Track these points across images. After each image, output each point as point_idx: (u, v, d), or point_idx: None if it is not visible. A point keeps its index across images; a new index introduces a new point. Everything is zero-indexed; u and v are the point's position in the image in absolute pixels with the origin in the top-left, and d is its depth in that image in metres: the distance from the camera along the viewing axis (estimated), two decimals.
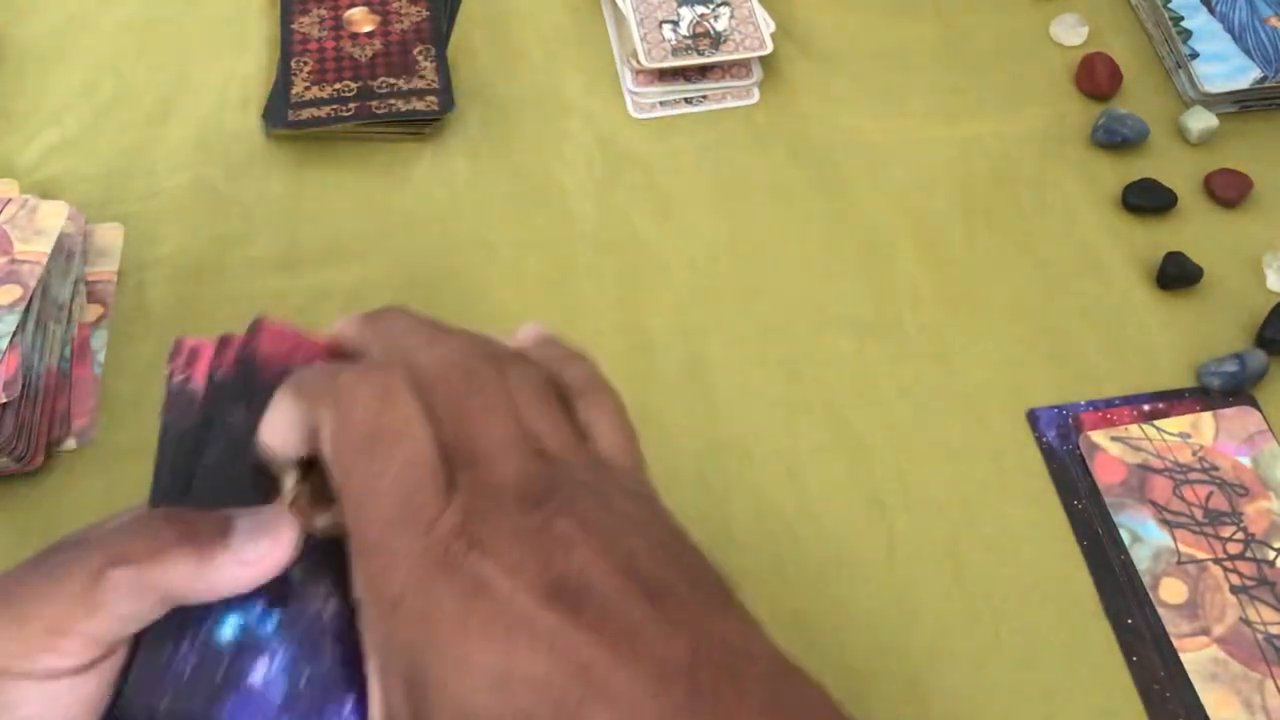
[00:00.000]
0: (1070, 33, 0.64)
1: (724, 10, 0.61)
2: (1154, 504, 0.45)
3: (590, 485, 0.27)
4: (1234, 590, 0.42)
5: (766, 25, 0.60)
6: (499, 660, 0.23)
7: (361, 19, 0.60)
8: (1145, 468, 0.46)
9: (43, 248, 0.48)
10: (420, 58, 0.58)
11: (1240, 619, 0.41)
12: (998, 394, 0.52)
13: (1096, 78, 0.61)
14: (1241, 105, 0.62)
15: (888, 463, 0.49)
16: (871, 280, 0.55)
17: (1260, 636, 0.41)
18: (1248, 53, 0.61)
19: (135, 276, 0.53)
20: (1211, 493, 0.45)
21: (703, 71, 0.61)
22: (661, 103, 0.60)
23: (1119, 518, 0.45)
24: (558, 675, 0.23)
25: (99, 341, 0.50)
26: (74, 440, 0.48)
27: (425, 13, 0.60)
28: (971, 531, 0.48)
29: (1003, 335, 0.53)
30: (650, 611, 0.24)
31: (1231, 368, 0.51)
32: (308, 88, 0.57)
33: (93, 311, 0.51)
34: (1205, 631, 0.41)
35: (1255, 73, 0.61)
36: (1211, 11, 0.63)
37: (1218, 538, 0.44)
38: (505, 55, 0.62)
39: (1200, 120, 0.60)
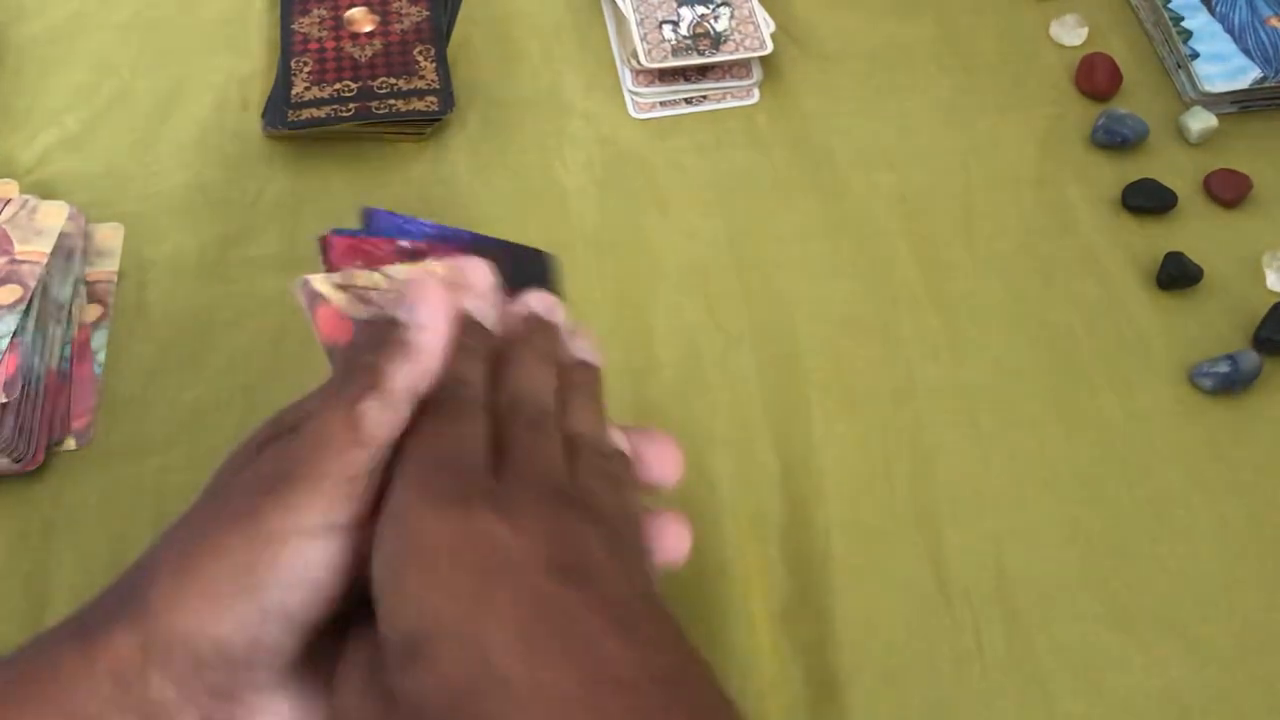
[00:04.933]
0: (1070, 33, 0.64)
1: (724, 10, 0.61)
2: None
3: (606, 497, 0.30)
4: None
5: (766, 25, 0.60)
6: (474, 588, 0.26)
7: (361, 19, 0.60)
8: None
9: (43, 248, 0.48)
10: (420, 58, 0.58)
11: None
12: (997, 394, 0.52)
13: (1096, 78, 0.61)
14: (1241, 105, 0.62)
15: (887, 463, 0.50)
16: (870, 280, 0.55)
17: None
18: (1247, 53, 0.61)
19: (135, 276, 0.53)
20: None
21: (703, 72, 0.61)
22: (661, 103, 0.60)
23: None
24: (538, 623, 0.25)
25: (99, 341, 0.50)
26: (74, 440, 0.48)
27: (425, 13, 0.60)
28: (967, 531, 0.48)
29: (1002, 336, 0.53)
30: (637, 626, 0.26)
31: (1224, 368, 0.51)
32: (308, 88, 0.57)
33: (93, 311, 0.51)
34: None
35: (1255, 73, 0.61)
36: (1211, 12, 0.63)
37: None
38: (505, 55, 0.62)
39: (1200, 120, 0.60)
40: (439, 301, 0.32)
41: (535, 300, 0.36)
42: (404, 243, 0.37)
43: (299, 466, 0.28)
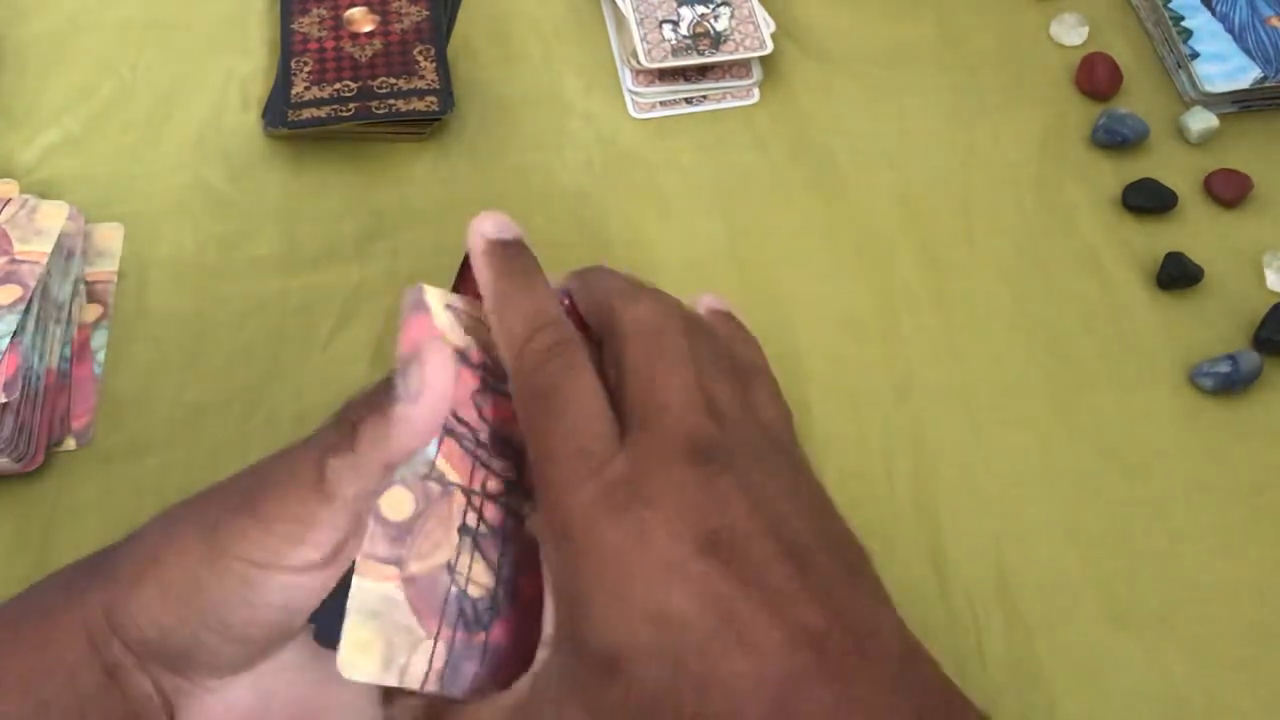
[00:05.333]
0: (1070, 32, 0.64)
1: (724, 10, 0.61)
2: None
3: (753, 447, 0.29)
4: (462, 530, 0.33)
5: (767, 25, 0.60)
6: (655, 601, 0.26)
7: (361, 19, 0.60)
8: (463, 355, 0.34)
9: (43, 248, 0.48)
10: (420, 58, 0.58)
11: (447, 564, 0.32)
12: (997, 393, 0.52)
13: (1096, 78, 0.61)
14: (1242, 105, 0.62)
15: (887, 463, 0.50)
16: (870, 280, 0.55)
17: (454, 591, 0.32)
18: (1248, 53, 0.61)
19: (135, 276, 0.53)
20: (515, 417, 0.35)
21: (703, 71, 0.61)
22: (661, 103, 0.60)
23: None
24: (704, 620, 0.25)
25: (99, 341, 0.50)
26: (74, 440, 0.48)
27: (425, 13, 0.60)
28: (962, 530, 0.48)
29: (1002, 335, 0.53)
30: (793, 576, 0.26)
31: (1224, 368, 0.51)
32: (307, 88, 0.57)
33: (93, 311, 0.51)
34: (399, 563, 0.32)
35: (1255, 73, 0.60)
36: (1212, 11, 0.63)
37: (487, 466, 0.34)
38: (505, 55, 0.62)
39: (1200, 120, 0.60)
40: (438, 374, 0.30)
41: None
42: (564, 300, 0.35)
43: (261, 498, 0.29)
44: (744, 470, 0.28)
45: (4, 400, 0.44)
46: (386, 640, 0.30)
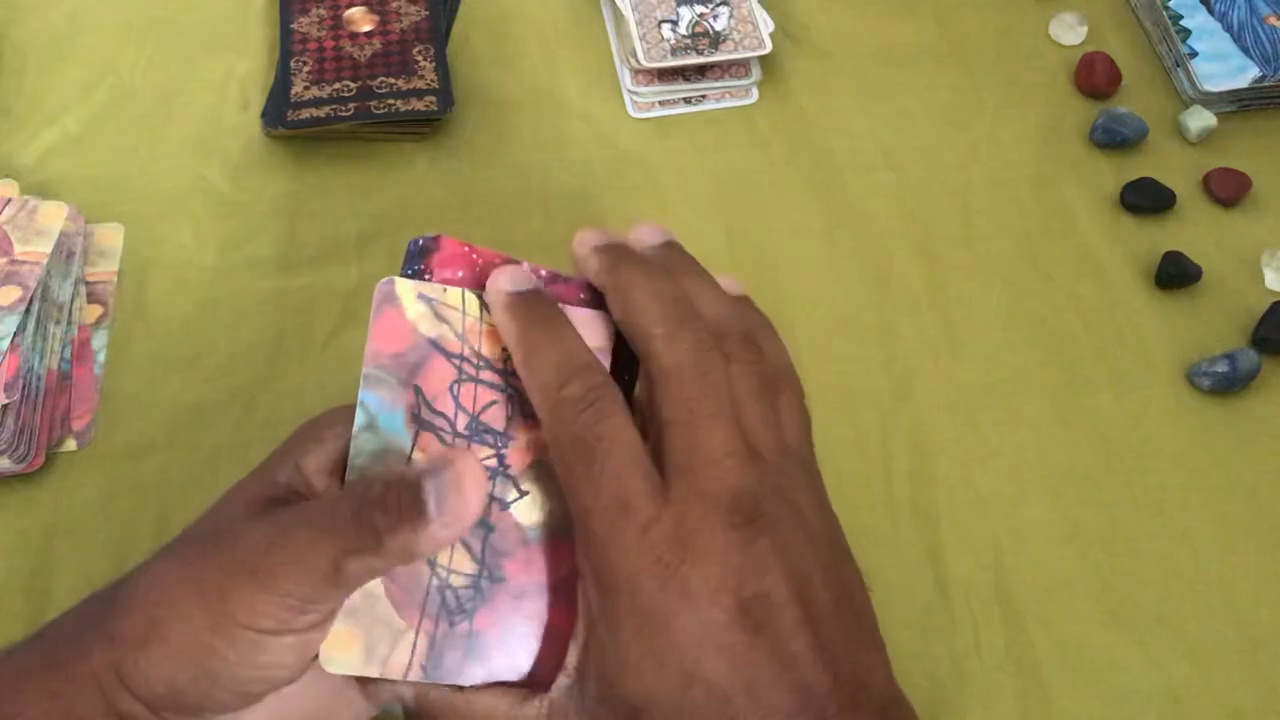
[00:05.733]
0: (1069, 32, 0.64)
1: (723, 10, 0.61)
2: (419, 392, 0.34)
3: (786, 490, 0.31)
4: None
5: (765, 25, 0.60)
6: (689, 662, 0.28)
7: (361, 19, 0.60)
8: (437, 345, 0.34)
9: (43, 248, 0.48)
10: (419, 58, 0.58)
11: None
12: (995, 393, 0.52)
13: (1095, 77, 0.61)
14: (1240, 104, 0.62)
15: (886, 462, 0.50)
16: (869, 279, 0.55)
17: (435, 582, 0.33)
18: (1246, 52, 0.61)
19: (135, 276, 0.53)
20: (494, 402, 0.34)
21: (701, 71, 0.61)
22: (660, 102, 0.60)
23: (367, 394, 0.33)
24: (730, 684, 0.28)
25: (99, 342, 0.51)
26: (74, 441, 0.48)
27: (424, 12, 0.60)
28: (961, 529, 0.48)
29: (1000, 335, 0.53)
30: (811, 643, 0.28)
31: (1222, 368, 0.51)
32: (307, 88, 0.57)
33: (93, 312, 0.51)
34: None
35: (1254, 72, 0.61)
36: (1210, 10, 0.63)
37: None
38: (504, 55, 0.62)
39: (1199, 119, 0.60)
40: (475, 496, 0.30)
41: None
42: (524, 266, 0.35)
43: (271, 570, 0.29)
44: (779, 525, 0.30)
45: (4, 401, 0.44)
46: (367, 633, 0.31)
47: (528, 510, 0.34)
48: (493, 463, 0.34)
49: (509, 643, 0.32)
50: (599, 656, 0.29)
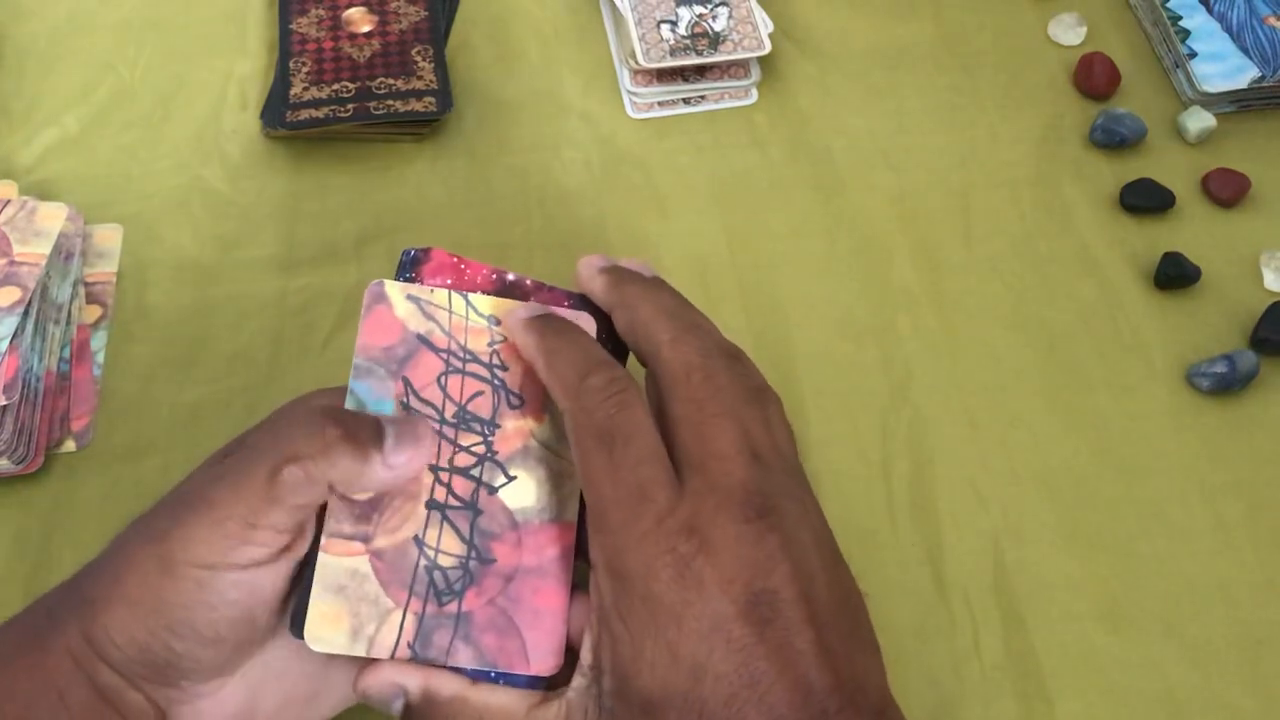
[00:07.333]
0: (1068, 32, 0.64)
1: (722, 10, 0.61)
2: (407, 383, 0.36)
3: (789, 490, 0.32)
4: (429, 504, 0.34)
5: (765, 25, 0.60)
6: (701, 655, 0.29)
7: (360, 19, 0.60)
8: (425, 339, 0.36)
9: (42, 249, 0.48)
10: (418, 58, 0.59)
11: (415, 537, 0.34)
12: (994, 394, 0.52)
13: (1094, 77, 0.61)
14: (1239, 105, 0.62)
15: (885, 463, 0.50)
16: (868, 280, 0.55)
17: (423, 563, 0.33)
18: (1246, 52, 0.62)
19: (135, 277, 0.53)
20: (480, 393, 0.36)
21: (701, 72, 0.61)
22: (660, 103, 0.60)
23: (357, 383, 0.35)
24: (736, 678, 0.28)
25: (99, 342, 0.51)
26: (73, 441, 0.48)
27: (424, 13, 0.60)
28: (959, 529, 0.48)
29: (999, 335, 0.53)
30: (814, 641, 0.29)
31: (1221, 369, 0.51)
32: (306, 88, 0.57)
33: (92, 312, 0.51)
34: (366, 539, 0.33)
35: (1253, 72, 0.61)
36: (1210, 11, 0.63)
37: (454, 442, 0.35)
38: (504, 55, 0.62)
39: (1198, 120, 0.60)
40: (422, 453, 0.33)
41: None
42: (510, 275, 0.37)
43: (207, 499, 0.30)
44: (787, 522, 0.30)
45: (3, 403, 0.44)
46: (353, 612, 0.32)
47: (516, 495, 0.35)
48: (481, 449, 0.35)
49: (499, 624, 0.33)
50: (612, 650, 0.30)
